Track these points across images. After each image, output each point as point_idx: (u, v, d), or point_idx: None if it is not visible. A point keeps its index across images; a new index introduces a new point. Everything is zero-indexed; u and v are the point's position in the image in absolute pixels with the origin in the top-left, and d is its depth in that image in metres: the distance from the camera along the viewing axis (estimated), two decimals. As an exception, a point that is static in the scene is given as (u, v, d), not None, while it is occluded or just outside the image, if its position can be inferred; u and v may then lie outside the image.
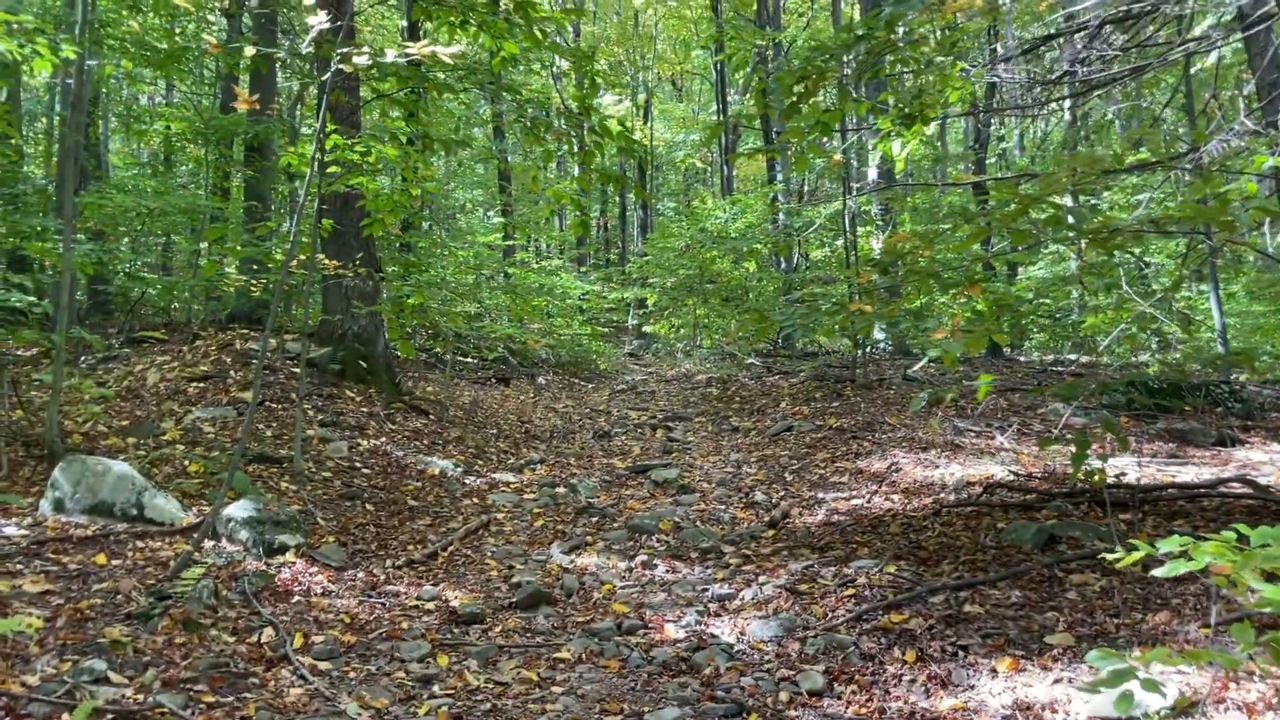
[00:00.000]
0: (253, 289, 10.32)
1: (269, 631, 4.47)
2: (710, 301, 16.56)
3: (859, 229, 15.31)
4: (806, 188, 21.27)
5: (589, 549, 6.28)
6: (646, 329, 20.20)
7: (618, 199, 31.04)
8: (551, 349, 15.83)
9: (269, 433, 7.84)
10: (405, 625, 4.74)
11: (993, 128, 19.84)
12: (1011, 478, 7.04)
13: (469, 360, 14.17)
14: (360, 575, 5.45)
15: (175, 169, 17.53)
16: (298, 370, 8.55)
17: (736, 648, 4.49)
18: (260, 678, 4.03)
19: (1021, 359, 15.14)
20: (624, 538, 6.51)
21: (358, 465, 7.53)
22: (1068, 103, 17.67)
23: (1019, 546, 5.55)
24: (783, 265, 18.36)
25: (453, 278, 13.72)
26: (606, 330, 20.86)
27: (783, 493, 7.70)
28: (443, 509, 7.05)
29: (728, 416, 11.13)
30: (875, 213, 15.02)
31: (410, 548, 6.08)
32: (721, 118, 20.27)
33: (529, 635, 4.71)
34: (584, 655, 4.40)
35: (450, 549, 6.12)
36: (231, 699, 3.81)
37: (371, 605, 5.00)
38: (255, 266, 11.03)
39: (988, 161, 18.68)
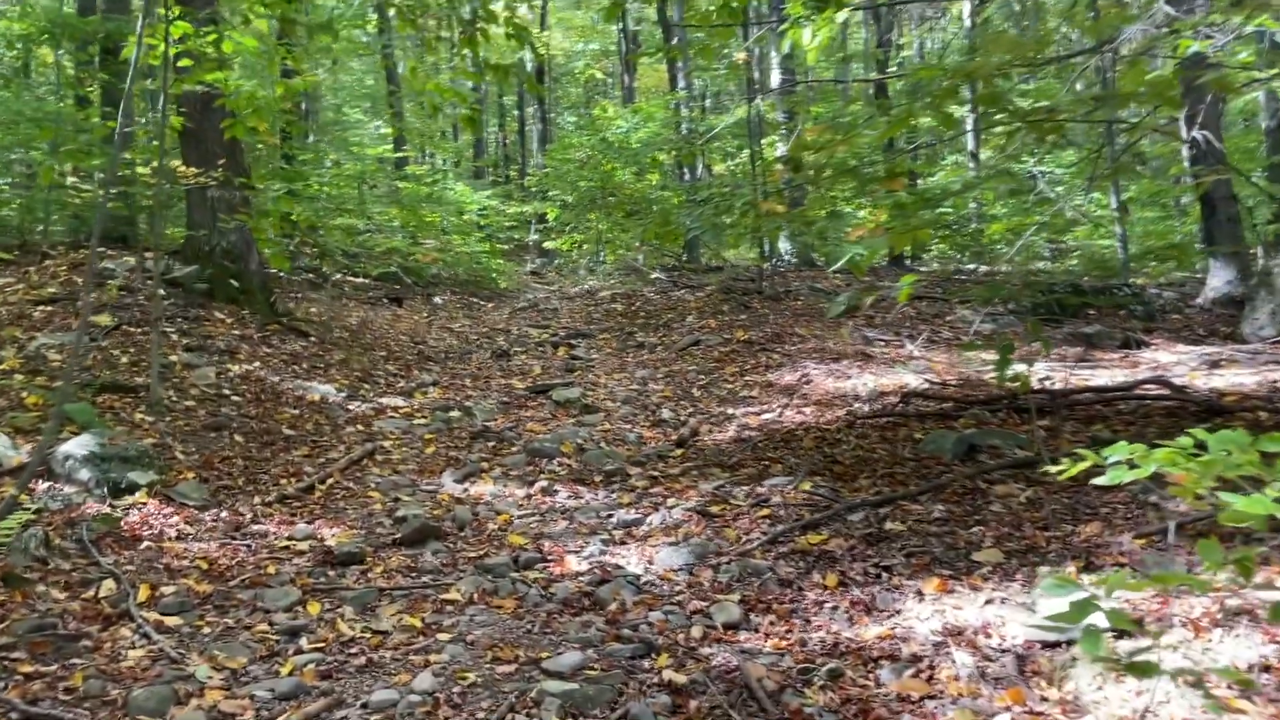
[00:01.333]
0: (109, 202, 9.28)
1: (109, 584, 3.88)
2: (613, 215, 15.93)
3: (763, 139, 14.84)
4: (710, 95, 20.62)
5: (484, 476, 5.80)
6: (548, 245, 19.46)
7: (516, 113, 29.78)
8: (448, 266, 15.03)
9: (125, 359, 7.06)
10: (272, 570, 4.20)
11: (892, 34, 19.48)
12: (926, 386, 6.80)
13: (359, 280, 13.32)
14: (223, 515, 4.87)
15: (28, 76, 15.85)
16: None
17: (644, 579, 4.10)
18: (94, 639, 3.47)
19: (923, 269, 15.05)
20: (523, 463, 6.05)
21: (226, 393, 6.84)
22: (968, 6, 17.39)
23: (938, 457, 5.30)
24: (686, 177, 17.81)
25: (337, 190, 12.79)
26: (507, 247, 20.05)
27: (691, 409, 7.33)
28: (323, 438, 6.46)
29: (633, 333, 10.69)
30: (780, 118, 14.56)
31: (283, 481, 5.50)
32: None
33: (414, 575, 4.23)
34: (476, 595, 3.94)
35: (329, 481, 5.55)
36: (55, 667, 3.25)
37: (234, 548, 4.44)
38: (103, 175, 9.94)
39: (889, 69, 18.37)
